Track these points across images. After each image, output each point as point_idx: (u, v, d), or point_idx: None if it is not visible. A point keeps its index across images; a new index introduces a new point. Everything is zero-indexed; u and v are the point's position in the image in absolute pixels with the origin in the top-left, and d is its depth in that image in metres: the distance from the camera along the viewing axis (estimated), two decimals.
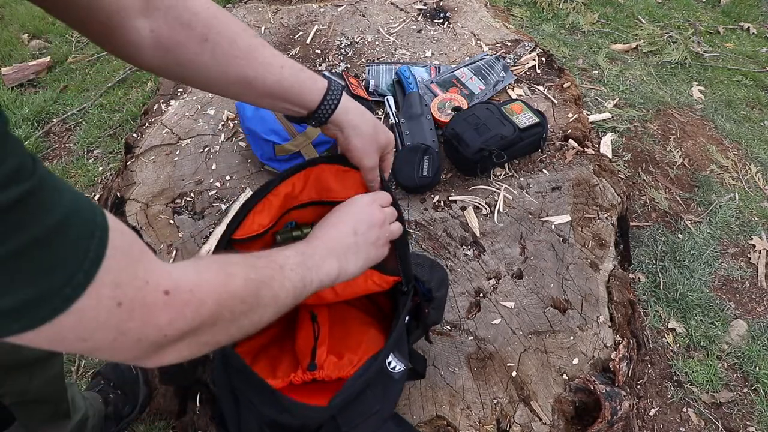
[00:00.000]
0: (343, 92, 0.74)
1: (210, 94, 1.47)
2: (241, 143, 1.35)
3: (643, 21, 2.71)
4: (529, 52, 1.54)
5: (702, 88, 2.31)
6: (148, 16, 0.62)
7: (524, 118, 1.24)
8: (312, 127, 0.95)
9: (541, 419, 0.95)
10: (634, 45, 2.53)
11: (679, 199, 1.83)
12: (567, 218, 1.18)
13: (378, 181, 0.80)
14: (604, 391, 0.96)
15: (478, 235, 1.15)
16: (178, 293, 0.45)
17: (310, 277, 0.61)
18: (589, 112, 2.05)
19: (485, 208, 1.19)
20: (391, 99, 1.38)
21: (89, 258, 0.37)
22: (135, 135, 1.43)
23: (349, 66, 1.54)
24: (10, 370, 0.89)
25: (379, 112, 1.40)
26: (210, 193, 1.26)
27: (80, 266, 0.37)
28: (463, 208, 1.19)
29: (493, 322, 1.03)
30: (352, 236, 0.69)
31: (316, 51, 1.59)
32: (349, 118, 0.74)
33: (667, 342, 1.49)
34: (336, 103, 0.73)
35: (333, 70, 1.46)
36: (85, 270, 0.37)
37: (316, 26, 1.67)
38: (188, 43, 0.64)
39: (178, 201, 1.25)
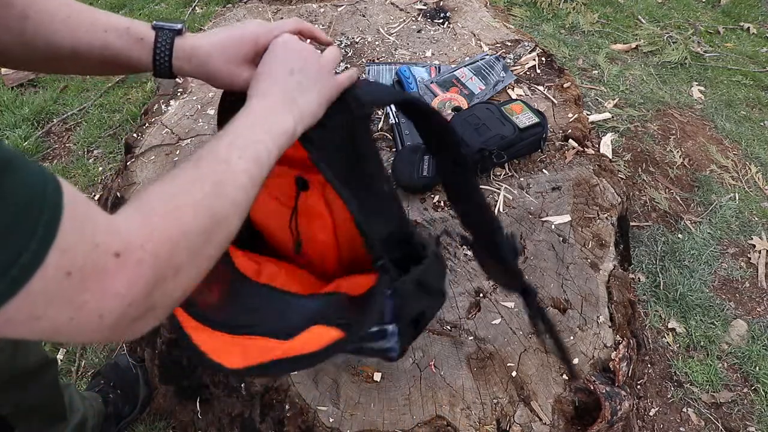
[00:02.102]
0: (175, 38, 0.66)
1: (210, 94, 1.47)
2: None
3: (643, 21, 2.71)
4: (529, 52, 1.54)
5: (702, 88, 2.31)
6: None
7: (524, 118, 1.24)
8: None
9: (541, 419, 0.95)
10: (634, 45, 2.53)
11: (679, 199, 1.83)
12: (567, 218, 1.18)
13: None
14: (604, 391, 0.96)
15: None
16: (130, 253, 0.40)
17: (264, 150, 0.56)
18: (589, 112, 2.05)
19: None
20: None
21: (38, 235, 0.35)
22: (135, 135, 1.43)
23: (349, 66, 1.54)
24: (6, 384, 0.89)
25: (379, 112, 1.40)
26: None
27: (31, 237, 0.35)
28: None
29: (493, 322, 1.03)
30: (290, 76, 0.63)
31: None
32: (193, 64, 0.68)
33: (667, 342, 1.49)
34: (168, 54, 0.66)
35: None
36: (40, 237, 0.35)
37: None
38: (9, 22, 0.62)
39: None
